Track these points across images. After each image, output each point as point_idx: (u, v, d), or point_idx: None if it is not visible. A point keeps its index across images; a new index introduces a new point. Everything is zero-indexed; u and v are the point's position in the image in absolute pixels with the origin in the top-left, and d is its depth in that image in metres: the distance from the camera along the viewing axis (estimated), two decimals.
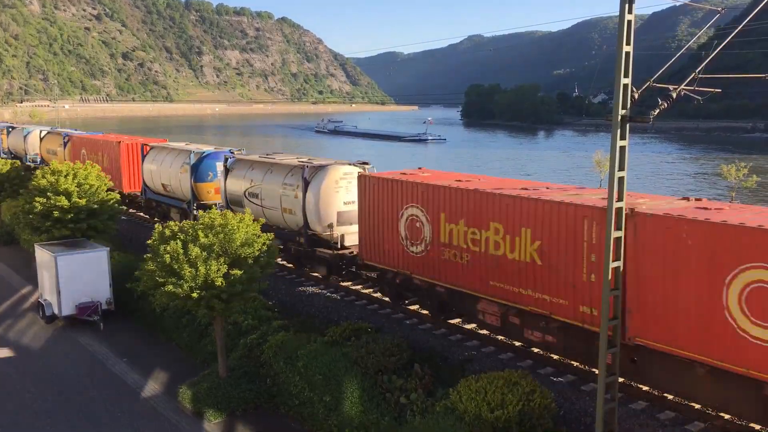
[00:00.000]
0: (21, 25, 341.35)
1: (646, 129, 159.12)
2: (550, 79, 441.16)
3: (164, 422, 18.41)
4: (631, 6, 11.90)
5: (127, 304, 26.20)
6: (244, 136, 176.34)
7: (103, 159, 41.70)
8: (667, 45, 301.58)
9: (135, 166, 40.35)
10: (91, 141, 45.76)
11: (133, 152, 40.49)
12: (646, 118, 12.41)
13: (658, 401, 15.42)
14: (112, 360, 22.81)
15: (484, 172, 30.97)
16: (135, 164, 40.31)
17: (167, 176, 35.89)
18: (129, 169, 40.49)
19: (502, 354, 18.76)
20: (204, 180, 33.71)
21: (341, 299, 24.39)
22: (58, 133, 52.35)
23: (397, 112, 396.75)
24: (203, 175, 33.73)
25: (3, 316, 27.47)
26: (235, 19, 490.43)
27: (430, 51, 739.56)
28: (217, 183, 32.36)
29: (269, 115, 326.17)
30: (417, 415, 15.92)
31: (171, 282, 17.66)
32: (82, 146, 46.10)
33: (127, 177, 40.50)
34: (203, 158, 33.85)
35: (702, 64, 12.22)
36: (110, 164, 40.88)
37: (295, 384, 18.23)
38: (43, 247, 27.08)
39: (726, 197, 59.42)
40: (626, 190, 12.96)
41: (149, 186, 38.41)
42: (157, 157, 37.39)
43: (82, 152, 45.36)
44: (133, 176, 40.54)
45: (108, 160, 41.47)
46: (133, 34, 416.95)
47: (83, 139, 47.56)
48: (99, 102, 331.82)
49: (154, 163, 37.39)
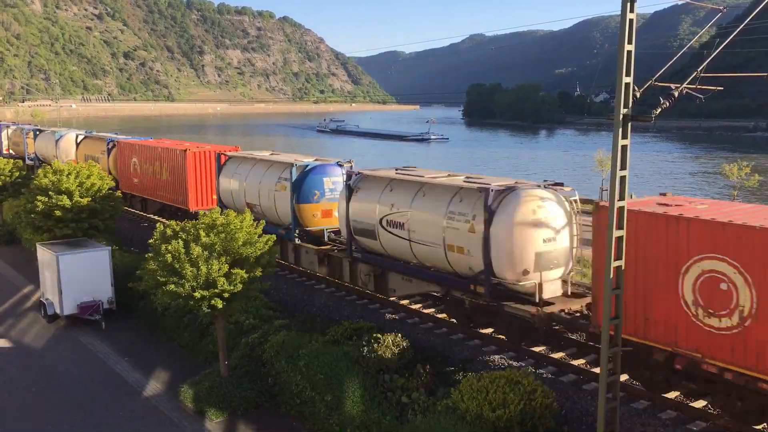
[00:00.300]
0: (23, 24, 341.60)
1: (648, 128, 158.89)
2: (552, 78, 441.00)
3: (166, 421, 18.42)
4: (633, 5, 11.89)
5: (128, 304, 26.24)
6: (246, 135, 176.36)
7: (162, 170, 36.12)
8: (668, 44, 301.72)
9: (206, 181, 34.11)
10: (145, 148, 38.65)
11: (203, 163, 34.25)
12: (648, 117, 12.39)
13: (660, 401, 15.41)
14: (113, 359, 22.83)
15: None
16: (206, 178, 34.08)
17: (255, 194, 28.23)
18: (198, 183, 34.12)
19: (503, 353, 18.74)
20: (308, 200, 26.25)
21: (342, 298, 24.39)
22: (100, 138, 46.55)
23: (399, 111, 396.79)
24: (308, 195, 26.21)
25: (5, 315, 27.50)
26: (237, 18, 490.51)
27: (432, 50, 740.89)
28: (324, 204, 26.18)
29: (271, 115, 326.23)
30: (418, 415, 15.92)
31: (172, 281, 17.67)
32: (133, 154, 39.73)
33: (195, 193, 34.09)
34: (307, 173, 26.42)
35: (704, 63, 12.20)
36: (172, 177, 35.24)
37: (297, 383, 18.24)
38: (45, 247, 27.10)
39: (727, 196, 59.36)
40: (628, 189, 12.96)
41: (227, 205, 29.98)
42: (240, 170, 29.55)
43: (133, 162, 39.54)
44: (204, 192, 34.19)
45: (169, 172, 35.63)
46: (134, 34, 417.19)
47: (134, 145, 40.43)
48: (101, 102, 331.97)
49: (236, 178, 29.67)
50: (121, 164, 41.09)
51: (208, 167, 34.01)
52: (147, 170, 37.17)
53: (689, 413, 14.87)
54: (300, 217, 26.23)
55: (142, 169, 37.76)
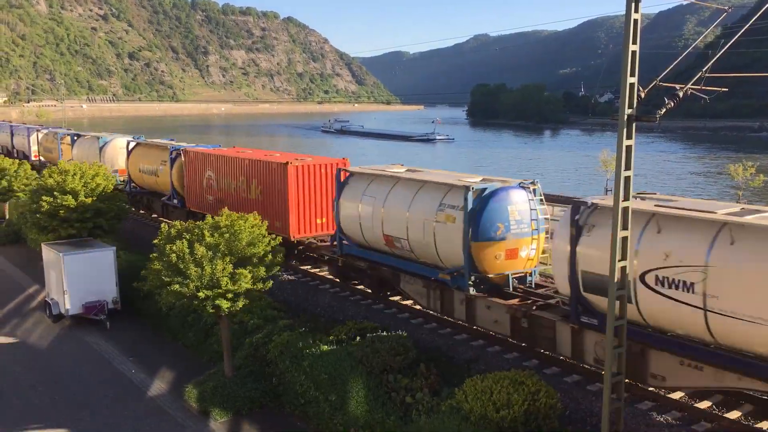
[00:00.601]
0: (28, 25, 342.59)
1: (653, 128, 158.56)
2: (556, 79, 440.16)
3: (170, 421, 18.46)
4: (637, 5, 11.87)
5: (133, 303, 26.30)
6: (251, 135, 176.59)
7: (251, 187, 29.02)
8: (673, 44, 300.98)
9: (311, 201, 27.22)
10: (227, 160, 31.11)
11: (308, 179, 27.12)
12: (653, 118, 12.37)
13: (665, 401, 15.38)
14: (118, 359, 22.89)
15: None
16: (311, 197, 27.21)
17: (400, 225, 20.83)
18: (301, 205, 26.95)
19: (507, 354, 18.73)
20: (490, 236, 18.93)
21: (347, 298, 24.40)
22: (159, 146, 38.95)
23: (403, 111, 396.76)
24: (488, 229, 18.93)
25: (10, 315, 27.60)
26: (241, 18, 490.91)
27: (436, 50, 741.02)
28: (509, 242, 19.14)
29: (275, 115, 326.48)
30: (422, 415, 15.92)
31: (177, 281, 17.72)
32: (207, 166, 32.49)
33: (297, 217, 26.97)
34: (486, 199, 19.03)
35: (709, 63, 12.18)
36: (266, 196, 28.10)
37: (301, 383, 18.25)
38: (50, 247, 27.19)
39: (731, 197, 59.22)
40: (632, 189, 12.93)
41: (351, 236, 23.35)
42: (374, 192, 22.28)
43: (207, 176, 32.45)
44: (308, 216, 27.25)
45: (261, 189, 28.42)
46: (139, 34, 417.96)
47: (210, 156, 32.64)
48: (105, 102, 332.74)
49: (367, 202, 22.33)
50: (190, 178, 33.97)
51: (313, 184, 27.21)
52: (228, 186, 30.51)
53: (694, 414, 14.83)
54: (477, 258, 18.98)
55: (221, 184, 31.03)
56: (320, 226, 27.19)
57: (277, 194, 27.39)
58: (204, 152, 33.40)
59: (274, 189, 27.63)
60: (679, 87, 12.33)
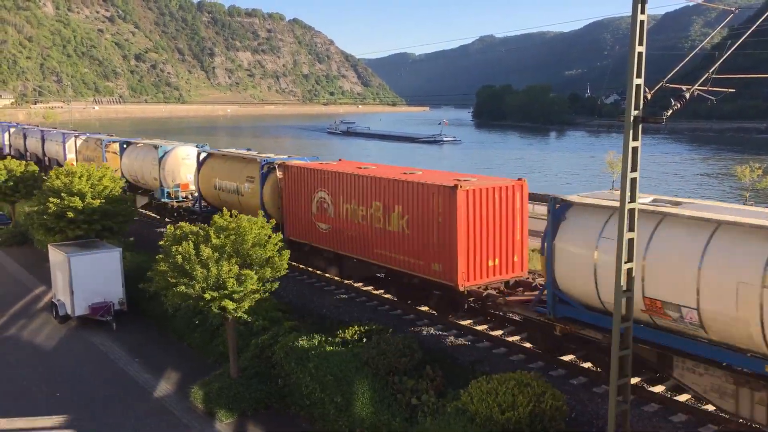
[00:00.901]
0: (35, 27, 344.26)
1: (659, 129, 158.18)
2: (562, 80, 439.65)
3: (176, 422, 18.49)
4: (643, 6, 11.85)
5: (139, 304, 26.37)
6: (257, 137, 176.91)
7: (391, 217, 22.03)
8: (680, 45, 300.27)
9: (488, 237, 20.65)
10: (346, 179, 24.07)
11: (484, 206, 20.51)
12: (659, 119, 12.34)
13: (671, 404, 15.33)
14: (124, 360, 22.94)
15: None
16: (488, 232, 20.65)
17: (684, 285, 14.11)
18: (474, 241, 20.39)
19: (513, 355, 18.71)
20: None
21: (352, 300, 24.41)
22: (245, 158, 31.19)
23: (408, 113, 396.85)
24: None
25: (17, 315, 27.70)
26: (247, 20, 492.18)
27: (442, 52, 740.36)
28: None
29: (281, 116, 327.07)
30: (428, 416, 15.91)
31: (183, 282, 17.76)
32: (318, 185, 25.37)
33: (468, 257, 20.38)
34: None
35: (715, 65, 12.15)
36: (416, 229, 21.29)
37: (306, 384, 18.27)
38: (57, 248, 27.27)
39: (737, 198, 59.01)
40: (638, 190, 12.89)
41: (574, 294, 16.74)
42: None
43: (319, 197, 25.29)
44: (483, 257, 20.65)
45: (407, 219, 21.54)
46: (145, 36, 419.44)
47: (319, 173, 25.50)
48: (112, 104, 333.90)
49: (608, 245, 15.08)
50: (291, 200, 27.19)
51: (486, 213, 20.55)
52: (352, 214, 23.58)
53: (700, 416, 14.78)
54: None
55: (342, 211, 24.09)
56: (493, 269, 20.85)
57: (438, 227, 20.48)
58: (314, 167, 26.23)
59: (431, 220, 20.62)
60: (685, 88, 12.30)
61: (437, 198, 20.44)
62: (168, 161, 37.82)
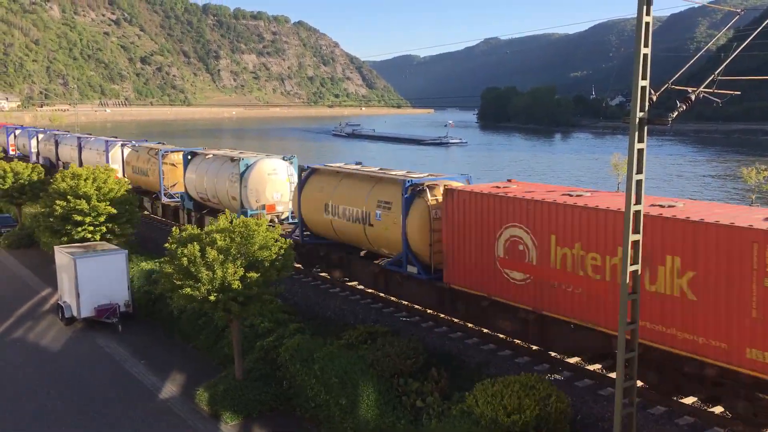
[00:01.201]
0: (41, 30, 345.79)
1: (665, 131, 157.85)
2: (567, 82, 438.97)
3: (181, 423, 18.52)
4: (649, 8, 11.83)
5: (144, 306, 26.44)
6: (262, 139, 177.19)
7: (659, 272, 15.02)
8: (685, 47, 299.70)
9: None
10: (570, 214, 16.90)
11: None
12: (665, 121, 12.32)
13: (677, 406, 15.28)
14: (130, 361, 22.99)
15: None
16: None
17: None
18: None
19: (518, 358, 18.68)
20: None
21: (357, 302, 24.41)
22: (386, 178, 23.47)
23: (413, 115, 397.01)
24: None
25: (23, 317, 27.78)
26: (252, 23, 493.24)
27: (446, 54, 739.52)
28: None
29: (286, 119, 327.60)
30: (433, 419, 15.90)
31: (188, 284, 17.80)
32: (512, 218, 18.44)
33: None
34: None
35: (721, 66, 12.11)
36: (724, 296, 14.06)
37: (312, 387, 18.27)
38: (63, 250, 27.36)
39: (743, 200, 58.85)
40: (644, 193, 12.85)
41: None
42: None
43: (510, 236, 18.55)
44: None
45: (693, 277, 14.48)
46: (151, 39, 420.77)
47: (519, 203, 18.33)
48: (118, 106, 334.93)
49: None
50: (457, 235, 20.21)
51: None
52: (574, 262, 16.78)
53: (706, 419, 14.73)
54: None
55: (553, 255, 17.37)
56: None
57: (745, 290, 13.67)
58: (500, 193, 19.13)
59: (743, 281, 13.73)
60: (691, 90, 12.27)
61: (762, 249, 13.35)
62: (252, 177, 31.02)
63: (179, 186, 37.59)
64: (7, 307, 28.76)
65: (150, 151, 40.79)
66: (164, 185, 38.53)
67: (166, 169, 38.55)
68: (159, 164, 38.51)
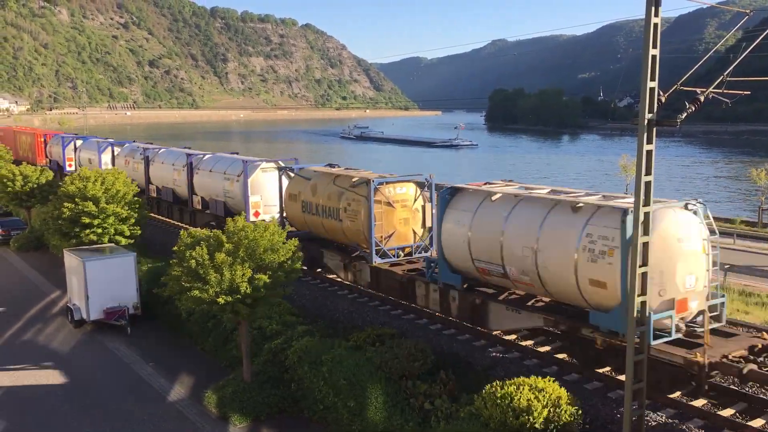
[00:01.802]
0: (50, 33, 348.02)
1: (673, 132, 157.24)
2: (575, 83, 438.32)
3: (190, 426, 18.55)
4: (657, 9, 11.79)
5: (153, 309, 26.50)
6: (270, 142, 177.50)
7: None
8: (694, 47, 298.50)
9: None
10: None
11: None
12: (673, 122, 12.27)
13: (687, 409, 15.19)
14: (138, 364, 23.05)
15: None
16: None
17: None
18: None
19: (527, 360, 18.62)
20: None
21: (365, 304, 24.40)
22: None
23: (421, 117, 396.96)
24: None
25: (33, 320, 27.91)
26: (260, 26, 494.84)
27: (454, 56, 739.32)
28: None
29: (293, 121, 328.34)
30: (441, 421, 15.86)
31: (197, 287, 17.84)
32: None
33: None
34: None
35: (730, 67, 12.06)
36: None
37: (320, 389, 18.27)
38: (72, 252, 27.47)
39: (751, 201, 58.51)
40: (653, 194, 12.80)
41: None
42: None
43: None
44: None
45: None
46: (159, 42, 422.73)
47: None
48: (122, 110, 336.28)
49: None
50: None
51: None
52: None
53: (717, 422, 14.63)
54: None
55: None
56: None
57: None
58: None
59: None
60: (700, 91, 12.22)
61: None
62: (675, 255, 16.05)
63: (399, 238, 24.30)
64: (17, 310, 28.91)
65: (343, 180, 25.25)
66: (376, 238, 23.74)
67: (379, 210, 23.75)
68: (370, 203, 23.22)
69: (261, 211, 31.19)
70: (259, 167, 32.26)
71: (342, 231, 25.23)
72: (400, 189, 24.61)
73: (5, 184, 40.62)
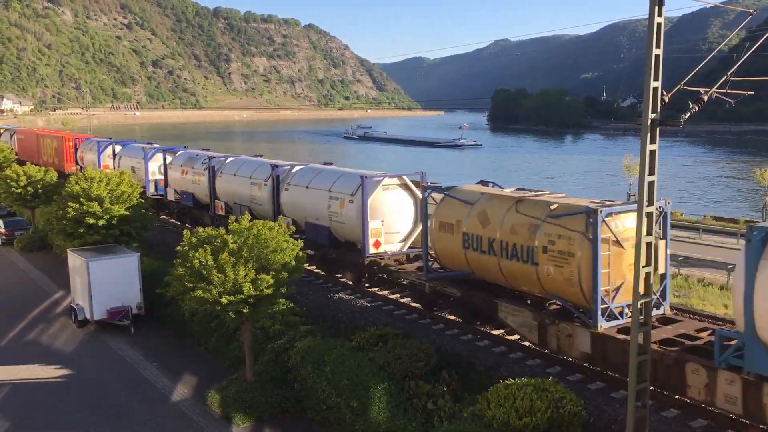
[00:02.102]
0: (54, 34, 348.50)
1: (677, 132, 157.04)
2: (578, 83, 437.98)
3: (193, 426, 18.58)
4: (660, 8, 11.77)
5: (157, 308, 26.53)
6: (272, 142, 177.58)
7: None
8: (697, 47, 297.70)
9: None
10: None
11: None
12: (677, 122, 12.26)
13: (691, 409, 15.17)
14: (142, 364, 23.09)
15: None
16: None
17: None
18: None
19: (530, 360, 18.61)
20: None
21: (368, 304, 24.40)
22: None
23: (423, 117, 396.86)
24: None
25: (36, 320, 27.98)
26: (263, 26, 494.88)
27: (457, 56, 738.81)
28: None
29: (296, 121, 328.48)
30: (444, 421, 15.86)
31: (200, 287, 17.87)
32: None
33: None
34: None
35: (734, 67, 12.04)
36: None
37: (323, 389, 18.28)
38: (76, 253, 27.53)
39: (755, 200, 58.40)
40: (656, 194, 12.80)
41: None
42: None
43: None
44: None
45: None
46: (162, 42, 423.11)
47: None
48: (129, 109, 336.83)
49: None
50: None
51: None
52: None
53: (721, 422, 14.62)
54: None
55: None
56: None
57: None
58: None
59: None
60: (703, 91, 12.20)
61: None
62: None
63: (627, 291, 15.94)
64: (21, 310, 28.97)
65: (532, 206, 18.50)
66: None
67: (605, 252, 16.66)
68: (596, 242, 16.22)
69: (382, 240, 24.79)
70: (380, 184, 24.95)
71: (537, 278, 17.96)
72: (629, 222, 16.62)
73: (9, 184, 40.67)
